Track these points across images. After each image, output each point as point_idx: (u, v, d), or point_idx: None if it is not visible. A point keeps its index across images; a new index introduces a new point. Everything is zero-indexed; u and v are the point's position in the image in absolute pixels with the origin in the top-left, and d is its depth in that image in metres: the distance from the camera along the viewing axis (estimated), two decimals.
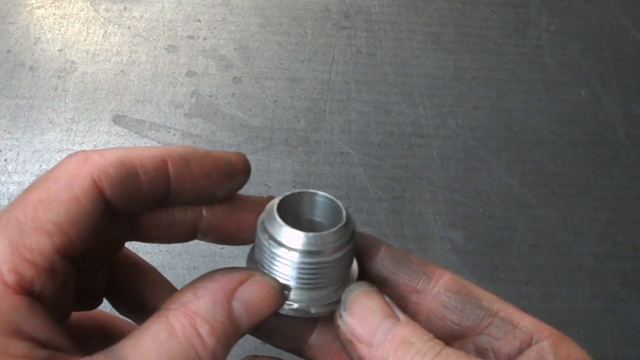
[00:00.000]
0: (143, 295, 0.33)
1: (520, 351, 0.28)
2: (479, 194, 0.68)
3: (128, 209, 0.26)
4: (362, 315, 0.27)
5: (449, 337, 0.30)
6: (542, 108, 0.75)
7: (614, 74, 0.78)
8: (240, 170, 0.29)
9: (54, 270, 0.22)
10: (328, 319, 0.30)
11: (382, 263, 0.31)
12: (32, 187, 0.24)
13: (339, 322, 0.28)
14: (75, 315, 0.29)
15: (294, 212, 0.30)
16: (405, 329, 0.26)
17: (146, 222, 0.29)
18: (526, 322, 0.29)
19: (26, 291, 0.21)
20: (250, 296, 0.27)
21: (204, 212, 0.30)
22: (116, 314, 0.35)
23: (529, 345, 0.28)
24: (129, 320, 0.35)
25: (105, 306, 0.34)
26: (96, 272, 0.30)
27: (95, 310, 0.32)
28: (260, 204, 0.31)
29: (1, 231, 0.22)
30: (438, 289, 0.30)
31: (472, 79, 0.76)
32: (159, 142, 0.69)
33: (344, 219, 0.29)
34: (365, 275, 0.31)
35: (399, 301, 0.31)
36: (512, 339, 0.28)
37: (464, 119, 0.73)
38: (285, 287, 0.28)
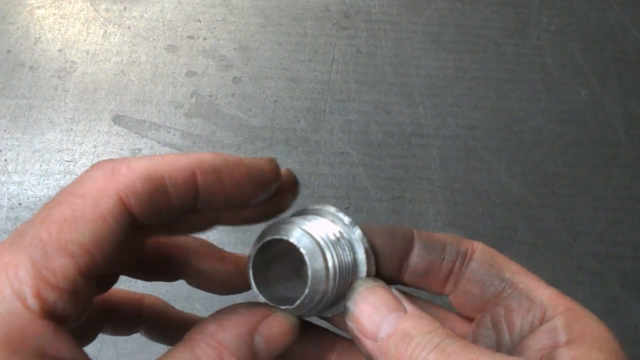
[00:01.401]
0: (168, 260, 0.33)
1: (532, 326, 0.28)
2: (479, 194, 0.68)
3: (153, 221, 0.25)
4: (367, 311, 0.28)
5: (473, 310, 0.30)
6: (542, 108, 0.75)
7: (614, 74, 0.78)
8: (272, 179, 0.28)
9: (77, 292, 0.22)
10: (348, 346, 0.31)
11: (418, 254, 0.31)
12: (57, 201, 0.23)
13: (346, 319, 0.29)
14: None
15: (275, 257, 0.30)
16: (408, 322, 0.27)
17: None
18: (544, 296, 0.28)
19: (49, 314, 0.21)
20: (273, 331, 0.27)
21: (191, 260, 0.31)
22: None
23: (542, 320, 0.27)
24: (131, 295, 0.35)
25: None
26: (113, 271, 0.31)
27: None
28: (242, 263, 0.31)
29: (25, 251, 0.22)
30: (471, 265, 0.30)
31: (472, 79, 0.76)
32: (159, 142, 0.69)
33: (309, 280, 0.28)
34: (402, 271, 0.31)
35: (440, 287, 0.31)
36: (525, 312, 0.28)
37: (464, 119, 0.73)
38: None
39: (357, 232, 0.30)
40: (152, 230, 0.30)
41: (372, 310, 0.27)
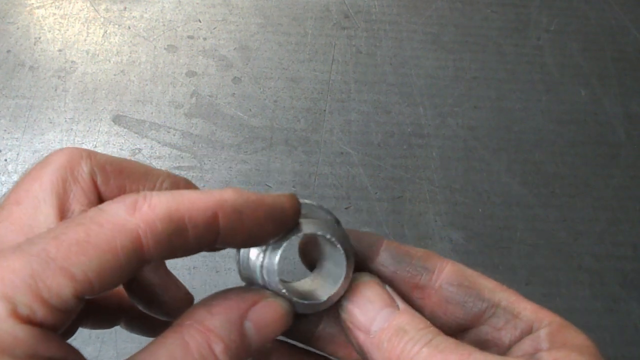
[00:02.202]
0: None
1: (519, 339, 0.28)
2: (479, 194, 0.68)
3: (165, 259, 0.26)
4: (362, 304, 0.28)
5: (455, 331, 0.31)
6: (542, 108, 0.75)
7: (614, 74, 0.78)
8: (292, 217, 0.28)
9: (67, 310, 0.22)
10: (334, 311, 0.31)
11: (383, 263, 0.31)
12: (77, 222, 0.23)
13: (340, 311, 0.29)
14: None
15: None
16: (402, 318, 0.27)
17: None
18: (527, 310, 0.29)
19: (34, 324, 0.21)
20: (262, 317, 0.27)
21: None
22: None
23: (529, 333, 0.28)
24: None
25: None
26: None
27: None
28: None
29: (28, 259, 0.22)
30: (440, 283, 0.30)
31: (472, 79, 0.76)
32: (159, 142, 0.69)
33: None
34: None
35: (404, 298, 0.31)
36: (512, 328, 0.28)
37: (464, 119, 0.73)
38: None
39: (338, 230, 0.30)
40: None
41: (366, 304, 0.28)
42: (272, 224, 0.27)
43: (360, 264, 0.32)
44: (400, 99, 0.74)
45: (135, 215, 0.23)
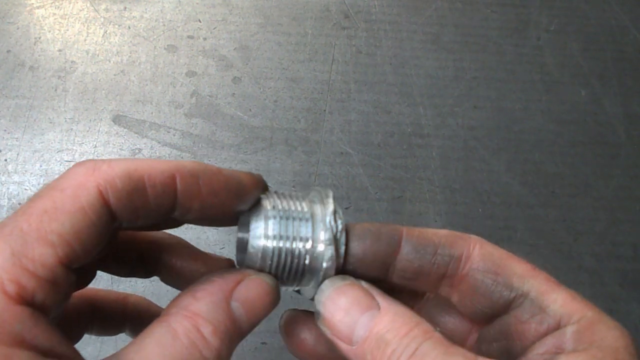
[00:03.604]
0: (142, 255, 0.33)
1: (545, 335, 0.26)
2: (479, 194, 0.68)
3: (132, 223, 0.26)
4: (338, 314, 0.26)
5: (482, 319, 0.29)
6: (542, 108, 0.75)
7: (614, 74, 0.78)
8: (250, 191, 0.28)
9: (56, 281, 0.22)
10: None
11: (407, 258, 0.29)
12: (38, 195, 0.24)
13: (318, 323, 0.27)
14: None
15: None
16: (382, 323, 0.25)
17: None
18: (556, 303, 0.26)
19: (27, 302, 0.21)
20: (248, 295, 0.27)
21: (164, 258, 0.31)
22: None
23: (556, 329, 0.26)
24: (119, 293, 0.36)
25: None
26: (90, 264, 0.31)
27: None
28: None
29: (4, 240, 0.22)
30: (467, 270, 0.28)
31: (472, 79, 0.76)
32: (159, 142, 0.69)
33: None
34: (389, 273, 0.29)
35: (433, 288, 0.29)
36: (537, 323, 0.26)
37: (464, 119, 0.73)
38: None
39: (339, 223, 0.29)
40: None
41: (343, 313, 0.26)
42: (228, 194, 0.27)
43: (378, 264, 0.29)
44: (400, 99, 0.74)
45: (95, 174, 0.24)
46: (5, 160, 0.67)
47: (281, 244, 0.28)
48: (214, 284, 0.26)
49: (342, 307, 0.26)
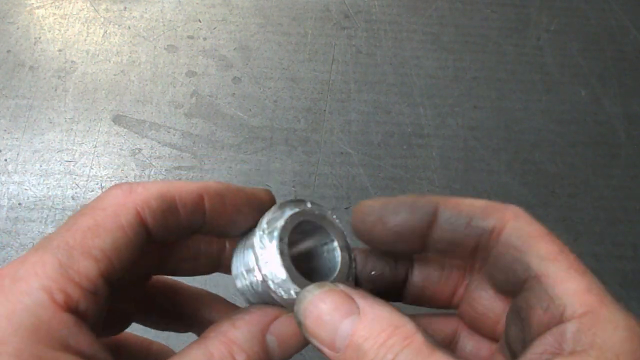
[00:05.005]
0: (180, 309, 0.35)
1: (549, 326, 0.24)
2: (479, 194, 0.68)
3: (165, 239, 0.28)
4: (319, 323, 0.26)
5: (505, 291, 0.29)
6: (542, 108, 0.75)
7: (614, 74, 0.78)
8: (268, 206, 0.31)
9: (97, 293, 0.24)
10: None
11: (441, 229, 0.28)
12: (81, 213, 0.26)
13: (304, 332, 0.27)
14: None
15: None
16: (361, 331, 0.25)
17: (176, 253, 0.32)
18: (567, 294, 0.24)
19: (72, 310, 0.23)
20: (284, 331, 0.28)
21: (227, 245, 0.34)
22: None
23: (559, 321, 0.24)
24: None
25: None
26: (125, 298, 0.33)
27: None
28: None
29: (53, 253, 0.24)
30: (494, 244, 0.28)
31: (472, 79, 0.76)
32: (159, 142, 0.69)
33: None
34: (426, 246, 0.29)
35: (470, 261, 0.30)
36: (542, 312, 0.25)
37: (464, 119, 0.73)
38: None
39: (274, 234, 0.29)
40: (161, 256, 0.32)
41: (324, 321, 0.26)
42: (250, 210, 0.30)
43: (416, 237, 0.29)
44: (400, 99, 0.74)
45: (132, 196, 0.26)
46: (5, 160, 0.67)
47: (243, 282, 0.30)
48: (254, 315, 0.28)
49: (322, 314, 0.26)
